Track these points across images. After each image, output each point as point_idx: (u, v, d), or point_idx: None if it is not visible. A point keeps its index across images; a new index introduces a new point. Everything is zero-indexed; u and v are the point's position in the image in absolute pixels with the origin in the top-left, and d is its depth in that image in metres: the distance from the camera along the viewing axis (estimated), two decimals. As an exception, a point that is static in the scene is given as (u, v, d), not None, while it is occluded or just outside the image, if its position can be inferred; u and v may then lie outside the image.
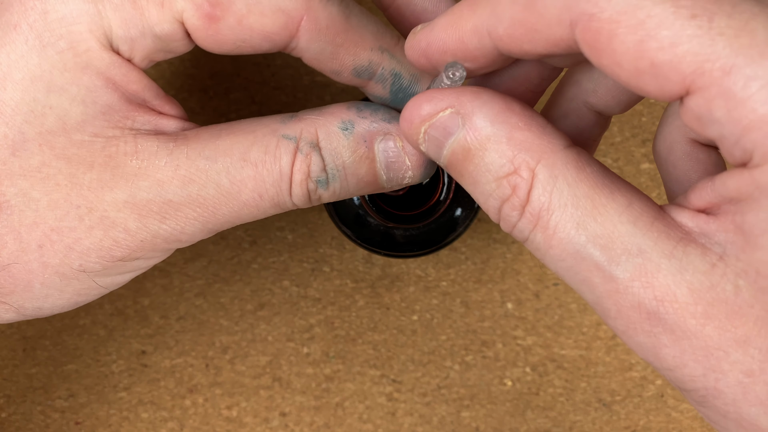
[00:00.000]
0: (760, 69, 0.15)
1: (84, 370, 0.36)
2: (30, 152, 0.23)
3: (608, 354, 0.36)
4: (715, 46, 0.15)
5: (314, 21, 0.23)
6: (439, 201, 0.32)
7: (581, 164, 0.18)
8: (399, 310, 0.36)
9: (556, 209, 0.18)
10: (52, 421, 0.36)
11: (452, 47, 0.20)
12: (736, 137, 0.16)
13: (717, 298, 0.16)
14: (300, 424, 0.36)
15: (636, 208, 0.17)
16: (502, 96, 0.19)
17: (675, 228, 0.17)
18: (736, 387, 0.17)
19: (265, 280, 0.36)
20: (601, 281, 0.17)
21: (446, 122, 0.19)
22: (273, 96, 0.36)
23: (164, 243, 0.24)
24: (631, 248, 0.17)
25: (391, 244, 0.32)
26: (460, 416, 0.36)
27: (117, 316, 0.36)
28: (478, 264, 0.36)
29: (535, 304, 0.36)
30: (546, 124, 0.19)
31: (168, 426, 0.36)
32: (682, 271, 0.17)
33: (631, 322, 0.17)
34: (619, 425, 0.36)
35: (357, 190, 0.25)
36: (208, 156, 0.23)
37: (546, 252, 0.18)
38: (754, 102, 0.15)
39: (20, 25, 0.22)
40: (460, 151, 0.19)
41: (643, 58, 0.16)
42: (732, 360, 0.16)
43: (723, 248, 0.17)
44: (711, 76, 0.15)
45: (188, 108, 0.36)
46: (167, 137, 0.23)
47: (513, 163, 0.18)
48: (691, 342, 0.17)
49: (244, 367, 0.36)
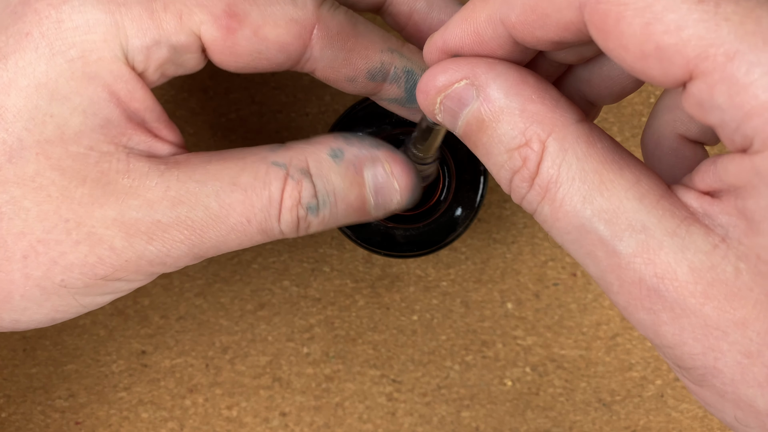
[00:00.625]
0: (763, 56, 0.15)
1: (84, 370, 0.36)
2: (26, 160, 0.23)
3: (608, 354, 0.36)
4: (720, 31, 0.15)
5: (325, 29, 0.24)
6: (439, 201, 0.32)
7: (592, 139, 0.18)
8: (399, 310, 0.36)
9: (564, 182, 0.18)
10: (52, 421, 0.36)
11: (468, 41, 0.20)
12: (737, 123, 0.16)
13: (717, 279, 0.16)
14: (300, 424, 0.36)
15: (644, 185, 0.18)
16: (517, 68, 0.19)
17: (680, 207, 0.17)
18: (735, 367, 0.17)
19: (265, 280, 0.36)
20: (604, 255, 0.18)
21: (461, 93, 0.20)
22: (273, 96, 0.36)
23: (148, 265, 0.24)
24: (635, 224, 0.17)
25: (391, 244, 0.32)
26: (460, 416, 0.36)
27: (117, 316, 0.36)
28: (478, 264, 0.36)
29: (535, 304, 0.36)
30: (560, 98, 0.19)
31: (168, 426, 0.36)
32: (684, 250, 0.17)
33: (632, 297, 0.17)
34: (619, 425, 0.36)
35: (345, 217, 0.26)
36: (198, 179, 0.24)
37: (552, 224, 0.19)
38: (756, 88, 0.15)
39: (32, 33, 0.22)
40: (475, 122, 0.19)
41: (649, 42, 0.16)
42: (731, 340, 0.17)
43: (725, 230, 0.17)
44: (714, 61, 0.16)
45: (188, 108, 0.36)
46: (159, 160, 0.24)
47: (525, 135, 0.19)
48: (690, 320, 0.17)
49: (244, 367, 0.36)
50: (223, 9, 0.23)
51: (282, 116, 0.36)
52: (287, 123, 0.36)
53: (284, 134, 0.36)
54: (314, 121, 0.36)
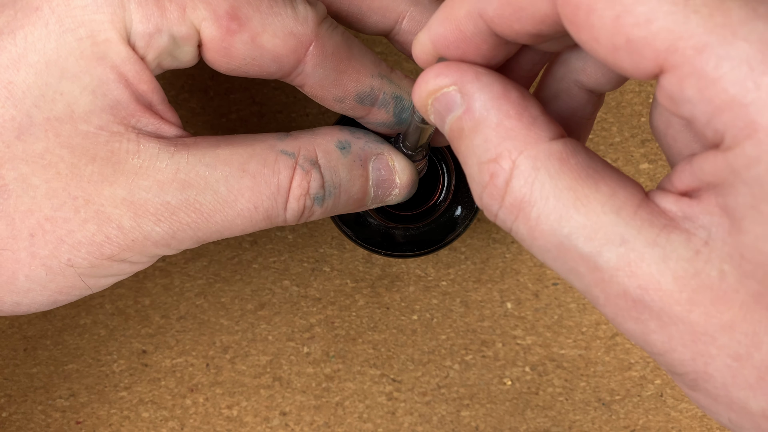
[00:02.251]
0: (732, 49, 0.15)
1: (85, 369, 0.36)
2: (35, 137, 0.23)
3: (607, 353, 0.36)
4: (689, 24, 0.15)
5: (321, 47, 0.24)
6: (439, 201, 0.32)
7: (565, 156, 0.18)
8: (399, 310, 0.36)
9: (537, 201, 0.18)
10: (53, 421, 0.36)
11: (452, 39, 0.20)
12: (707, 117, 0.16)
13: (702, 284, 0.16)
14: (300, 423, 0.36)
15: (620, 197, 0.17)
16: (502, 81, 0.19)
17: (659, 215, 0.17)
18: (725, 371, 0.17)
19: (265, 279, 0.36)
20: (587, 271, 0.18)
21: (448, 98, 0.20)
22: (273, 96, 0.36)
23: (153, 246, 0.24)
24: (614, 238, 0.17)
25: (391, 244, 0.32)
26: (460, 415, 0.36)
27: (118, 316, 0.36)
28: (477, 264, 0.36)
29: (535, 304, 0.36)
30: (538, 115, 0.19)
31: (169, 425, 0.36)
32: (666, 259, 0.17)
33: (619, 309, 0.17)
34: (618, 425, 0.36)
35: (344, 208, 0.26)
36: (207, 163, 0.24)
37: (531, 243, 0.18)
38: (725, 82, 0.15)
39: (42, 9, 0.22)
40: (456, 128, 0.20)
41: (620, 34, 0.16)
42: (719, 344, 0.17)
43: (708, 232, 0.17)
44: (684, 55, 0.15)
45: (188, 108, 0.36)
46: (168, 141, 0.24)
47: (496, 150, 0.18)
48: (678, 328, 0.17)
49: (244, 366, 0.36)
50: (226, 10, 0.23)
51: (282, 116, 0.36)
52: (287, 123, 0.36)
53: (284, 134, 0.36)
54: (314, 121, 0.36)
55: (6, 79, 0.22)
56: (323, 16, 0.24)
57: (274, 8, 0.23)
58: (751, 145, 0.15)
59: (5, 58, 0.22)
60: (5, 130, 0.22)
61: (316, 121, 0.36)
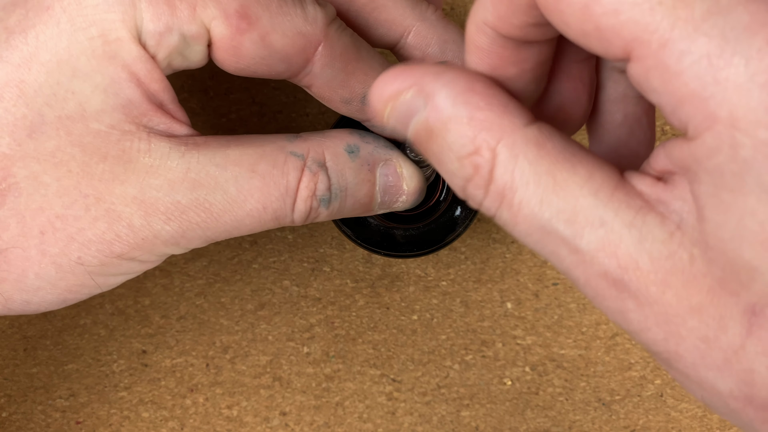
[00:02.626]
0: (693, 44, 0.15)
1: (85, 369, 0.36)
2: (47, 135, 0.23)
3: (607, 353, 0.36)
4: (654, 16, 0.16)
5: (330, 47, 0.24)
6: (439, 201, 0.32)
7: (542, 140, 0.18)
8: (399, 310, 0.36)
9: (519, 187, 0.18)
10: (52, 421, 0.36)
11: (482, 62, 0.20)
12: (671, 108, 0.16)
13: (674, 267, 0.17)
14: (300, 423, 0.36)
15: (597, 179, 0.18)
16: (464, 74, 0.19)
17: (635, 196, 0.18)
18: (694, 352, 0.17)
19: (265, 279, 0.36)
20: (567, 253, 0.18)
21: (409, 102, 0.20)
22: (273, 96, 0.36)
23: (163, 245, 0.24)
24: (594, 220, 0.17)
25: (391, 244, 0.32)
26: (460, 415, 0.36)
27: (118, 316, 0.36)
28: (477, 264, 0.36)
29: (535, 304, 0.36)
30: (508, 102, 0.19)
31: (169, 425, 0.36)
32: (642, 241, 0.17)
33: (599, 289, 0.18)
34: (618, 424, 0.36)
35: (350, 211, 0.26)
36: (218, 163, 0.24)
37: (513, 227, 0.19)
38: (687, 76, 0.16)
39: (53, 8, 0.22)
40: (423, 131, 0.20)
41: (588, 21, 0.16)
42: (689, 326, 0.17)
43: (680, 216, 0.17)
44: (649, 47, 0.16)
45: (188, 108, 0.36)
46: (179, 140, 0.24)
47: (474, 143, 0.19)
48: (652, 308, 0.17)
49: (244, 366, 0.36)
50: (236, 9, 0.23)
51: (282, 116, 0.36)
52: (288, 123, 0.36)
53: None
54: (314, 121, 0.36)
55: (18, 77, 0.22)
56: (332, 17, 0.25)
57: (284, 8, 0.24)
58: (711, 136, 0.16)
59: (17, 57, 0.22)
60: (17, 128, 0.22)
61: (316, 121, 0.36)
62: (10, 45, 0.22)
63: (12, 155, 0.23)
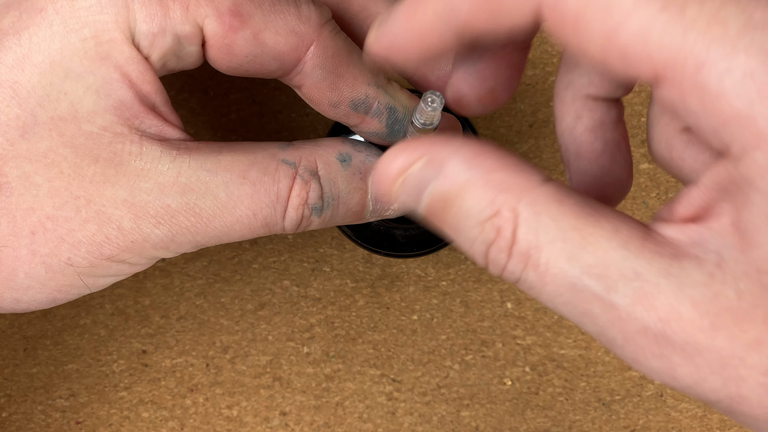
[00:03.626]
0: (733, 63, 0.15)
1: (85, 369, 0.36)
2: (39, 136, 0.23)
3: (607, 353, 0.36)
4: (687, 38, 0.15)
5: (323, 48, 0.24)
6: (439, 201, 0.32)
7: (561, 197, 0.18)
8: (399, 310, 0.36)
9: (545, 246, 0.17)
10: (53, 421, 0.36)
11: (417, 31, 0.19)
12: (712, 129, 0.16)
13: (721, 307, 0.16)
14: (300, 423, 0.36)
15: (624, 232, 0.17)
16: (471, 140, 0.19)
17: (665, 245, 0.17)
18: (759, 389, 0.16)
19: (265, 279, 0.36)
20: (602, 311, 0.17)
21: (420, 174, 0.19)
22: (273, 96, 0.36)
23: (152, 249, 0.24)
24: (627, 273, 0.17)
25: (391, 244, 0.32)
26: (460, 415, 0.36)
27: (118, 316, 0.36)
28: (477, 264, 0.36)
29: (535, 304, 0.36)
30: (520, 162, 0.18)
31: (169, 425, 0.36)
32: (682, 287, 0.16)
33: (639, 348, 0.17)
34: (618, 424, 0.36)
35: (342, 220, 0.26)
36: (209, 169, 0.24)
37: (542, 289, 0.18)
38: (730, 97, 0.15)
39: (46, 9, 0.22)
40: (439, 199, 0.19)
41: (612, 47, 0.16)
42: (749, 364, 0.16)
43: (719, 255, 0.16)
44: (684, 70, 0.15)
45: (188, 108, 0.36)
46: (170, 145, 0.24)
47: (494, 205, 0.18)
48: (704, 357, 0.16)
49: (244, 366, 0.36)
50: (228, 7, 0.23)
51: (282, 116, 0.36)
52: (287, 123, 0.36)
53: (284, 134, 0.36)
54: (314, 121, 0.36)
55: (11, 78, 0.22)
56: (327, 18, 0.25)
57: (277, 6, 0.24)
58: (762, 154, 0.15)
59: (10, 59, 0.22)
60: (9, 128, 0.22)
61: (316, 122, 0.36)
62: (3, 46, 0.22)
63: (4, 155, 0.23)
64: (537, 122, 0.37)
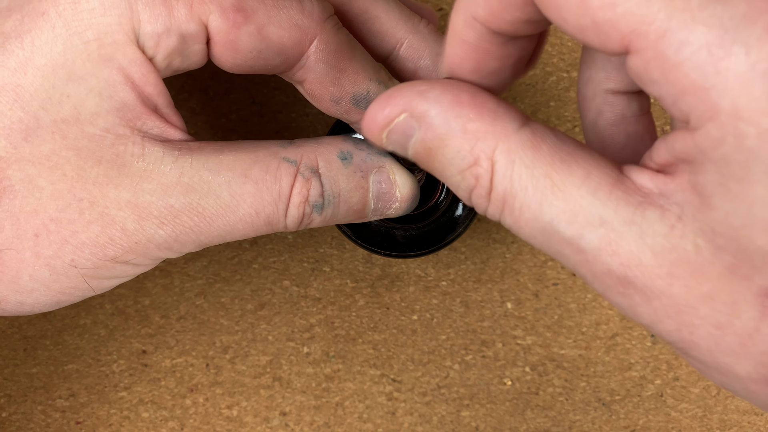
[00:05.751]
0: (691, 34, 0.15)
1: (85, 369, 0.36)
2: (42, 139, 0.23)
3: (607, 354, 0.36)
4: (651, 7, 0.16)
5: (325, 42, 0.24)
6: (439, 201, 0.32)
7: (536, 142, 0.19)
8: (399, 310, 0.36)
9: (518, 192, 0.18)
10: (52, 421, 0.36)
11: (463, 54, 0.20)
12: (672, 99, 0.16)
13: (679, 258, 0.17)
14: (300, 423, 0.36)
15: (594, 177, 0.18)
16: (450, 88, 0.20)
17: (634, 192, 0.18)
18: (709, 339, 0.17)
19: (265, 279, 0.36)
20: (571, 253, 0.18)
21: (403, 126, 0.20)
22: (273, 96, 0.36)
23: (156, 249, 0.24)
24: (593, 219, 0.18)
25: (391, 244, 0.32)
26: (460, 416, 0.36)
27: (118, 316, 0.36)
28: (477, 264, 0.36)
29: (535, 304, 0.36)
30: (497, 108, 0.19)
31: (168, 425, 0.36)
32: (643, 236, 0.17)
33: (606, 286, 0.18)
34: (618, 425, 0.36)
35: (344, 218, 0.26)
36: (211, 168, 0.24)
37: (518, 231, 0.19)
38: (687, 67, 0.16)
39: (48, 13, 0.22)
40: (422, 150, 0.20)
41: (585, 15, 0.17)
42: (701, 315, 0.17)
43: (681, 208, 0.17)
44: (647, 39, 0.16)
45: (188, 108, 0.36)
46: (172, 145, 0.24)
47: (472, 154, 0.19)
48: (661, 301, 0.17)
49: (244, 366, 0.36)
50: (231, 3, 0.23)
51: (282, 116, 0.36)
52: (287, 123, 0.36)
53: (284, 134, 0.36)
54: (314, 121, 0.36)
55: (14, 82, 0.22)
56: (330, 13, 0.25)
57: (279, 1, 0.24)
58: (715, 127, 0.16)
59: (13, 62, 0.22)
60: (13, 131, 0.23)
61: (316, 122, 0.36)
62: (6, 50, 0.23)
63: (7, 158, 0.23)
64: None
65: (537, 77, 0.37)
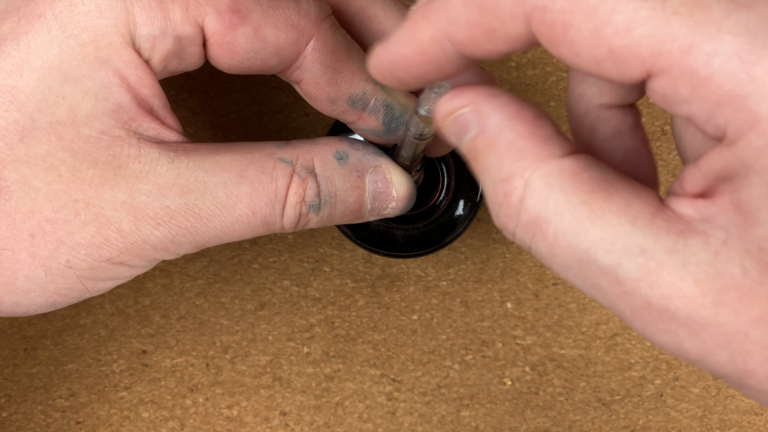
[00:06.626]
0: (719, 45, 0.15)
1: (85, 369, 0.36)
2: (38, 140, 0.23)
3: (607, 353, 0.36)
4: (671, 26, 0.15)
5: (322, 42, 0.24)
6: (439, 201, 0.32)
7: (578, 171, 0.18)
8: (399, 310, 0.36)
9: (553, 218, 0.18)
10: (53, 421, 0.36)
11: (415, 61, 0.20)
12: (706, 114, 0.16)
13: (725, 284, 0.16)
14: (300, 423, 0.36)
15: (635, 206, 0.17)
16: (517, 101, 0.19)
17: (675, 221, 0.17)
18: (765, 364, 0.17)
19: (265, 279, 0.36)
20: (609, 285, 0.17)
21: (465, 118, 0.20)
22: (273, 96, 0.36)
23: (152, 250, 0.24)
24: (632, 248, 0.17)
25: (391, 244, 0.32)
26: (460, 415, 0.36)
27: (118, 316, 0.36)
28: (477, 264, 0.36)
29: (535, 304, 0.36)
30: (552, 135, 0.19)
31: (169, 425, 0.36)
32: (686, 265, 0.16)
33: (646, 322, 0.17)
34: (618, 425, 0.36)
35: (341, 218, 0.26)
36: (207, 169, 0.24)
37: (552, 261, 0.18)
38: (719, 78, 0.15)
39: (45, 15, 0.23)
40: (472, 148, 0.19)
41: (600, 46, 0.16)
42: (754, 340, 0.16)
43: (726, 231, 0.16)
44: (671, 57, 0.15)
45: (188, 108, 0.36)
46: (168, 147, 0.24)
47: (508, 169, 0.18)
48: (708, 332, 0.17)
49: (244, 366, 0.36)
50: (227, 4, 0.23)
51: (282, 116, 0.36)
52: (287, 123, 0.36)
53: (284, 134, 0.36)
54: (314, 121, 0.36)
55: (10, 83, 0.22)
56: (327, 13, 0.25)
57: (275, 1, 0.24)
58: (756, 135, 0.15)
59: (9, 64, 0.22)
60: (8, 132, 0.23)
61: (316, 122, 0.36)
62: (2, 52, 0.23)
63: (3, 159, 0.23)
64: (537, 122, 0.37)
65: (537, 77, 0.37)
